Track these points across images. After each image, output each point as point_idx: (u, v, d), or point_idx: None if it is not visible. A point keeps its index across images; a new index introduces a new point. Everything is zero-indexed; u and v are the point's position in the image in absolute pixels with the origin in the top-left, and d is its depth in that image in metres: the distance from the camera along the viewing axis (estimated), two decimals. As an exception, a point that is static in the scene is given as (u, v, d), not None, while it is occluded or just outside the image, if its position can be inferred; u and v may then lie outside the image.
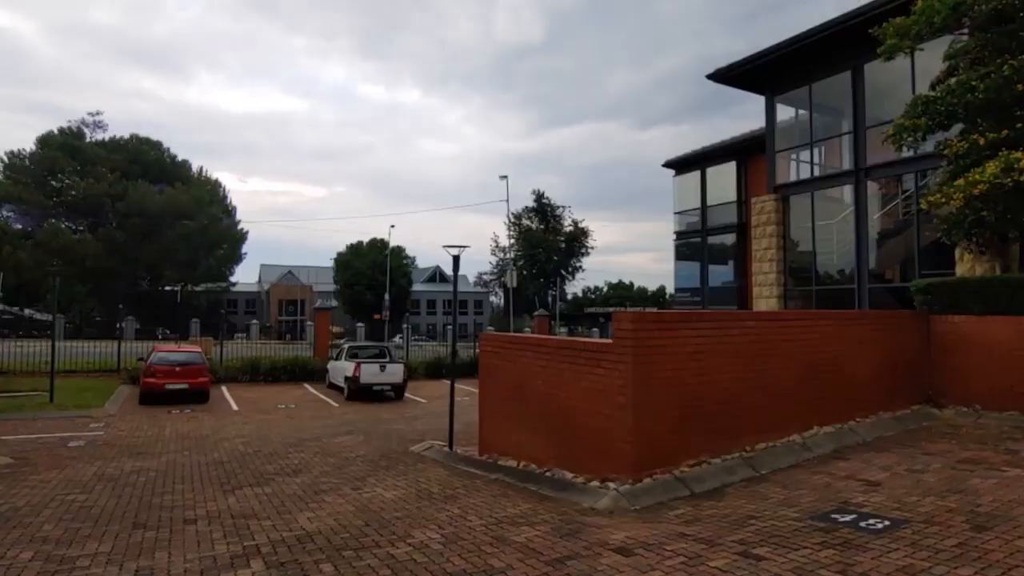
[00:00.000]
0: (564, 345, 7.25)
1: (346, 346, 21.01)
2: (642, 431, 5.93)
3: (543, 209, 64.70)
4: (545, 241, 61.82)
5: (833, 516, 4.84)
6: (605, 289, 78.65)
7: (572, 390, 6.65)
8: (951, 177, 10.04)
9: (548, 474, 6.73)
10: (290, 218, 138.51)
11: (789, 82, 17.42)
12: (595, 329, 49.73)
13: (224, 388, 19.03)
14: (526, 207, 65.10)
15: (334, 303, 56.01)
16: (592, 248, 65.24)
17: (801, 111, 18.02)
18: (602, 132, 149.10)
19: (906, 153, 13.36)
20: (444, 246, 10.19)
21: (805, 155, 18.08)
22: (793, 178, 18.11)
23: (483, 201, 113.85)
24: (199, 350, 18.50)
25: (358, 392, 17.33)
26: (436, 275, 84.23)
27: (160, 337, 36.36)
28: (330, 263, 66.96)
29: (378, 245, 61.54)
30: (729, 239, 20.97)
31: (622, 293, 76.42)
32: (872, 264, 16.02)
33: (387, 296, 47.55)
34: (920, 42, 10.44)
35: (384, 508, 5.80)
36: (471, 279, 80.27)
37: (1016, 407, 8.49)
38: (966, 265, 12.52)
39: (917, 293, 10.23)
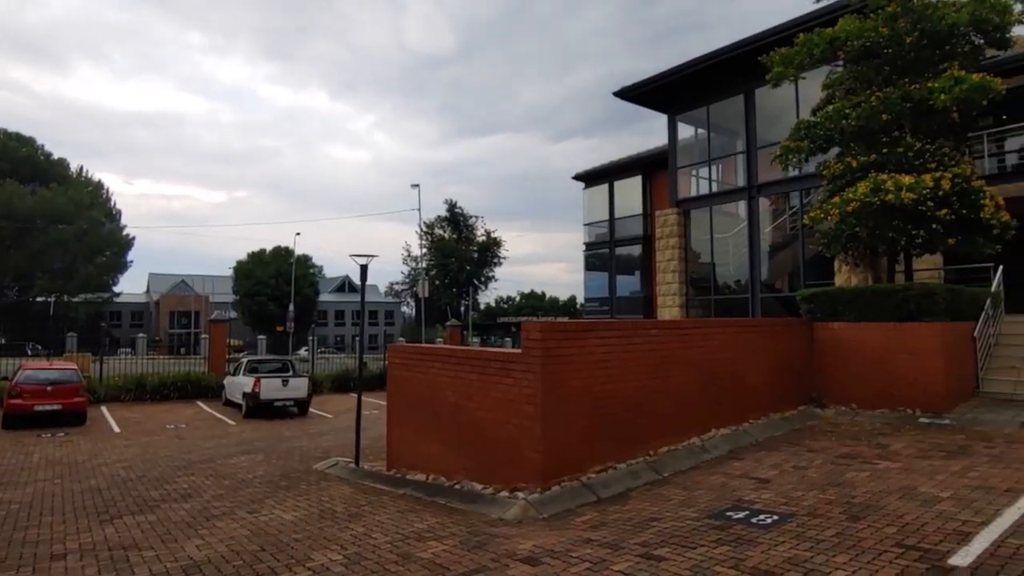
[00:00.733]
0: (473, 355, 7.19)
1: (245, 360, 19.84)
2: (550, 440, 5.97)
3: (456, 219, 64.39)
4: (458, 251, 61.52)
5: (728, 514, 5.08)
6: (518, 299, 79.43)
7: (481, 400, 6.61)
8: (829, 196, 10.99)
9: (457, 487, 6.63)
10: (184, 223, 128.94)
11: (689, 103, 18.44)
12: (507, 338, 50.00)
13: (104, 408, 17.42)
14: (439, 216, 64.36)
15: (233, 314, 52.91)
16: (505, 258, 65.40)
17: (700, 130, 19.12)
18: (515, 144, 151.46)
19: (792, 172, 14.47)
20: (351, 255, 9.80)
21: (704, 172, 19.17)
22: (694, 193, 19.14)
23: (395, 209, 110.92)
24: (75, 367, 16.80)
25: (258, 409, 16.40)
26: (345, 285, 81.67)
27: (30, 353, 32.82)
28: (229, 272, 63.24)
29: (282, 253, 58.75)
30: (636, 250, 21.81)
31: (534, 303, 77.52)
32: (764, 275, 17.18)
33: (292, 307, 45.49)
34: (802, 71, 11.40)
35: (283, 531, 5.47)
36: (382, 289, 78.39)
37: (886, 405, 9.35)
38: (843, 276, 13.71)
39: (802, 302, 11.05)
